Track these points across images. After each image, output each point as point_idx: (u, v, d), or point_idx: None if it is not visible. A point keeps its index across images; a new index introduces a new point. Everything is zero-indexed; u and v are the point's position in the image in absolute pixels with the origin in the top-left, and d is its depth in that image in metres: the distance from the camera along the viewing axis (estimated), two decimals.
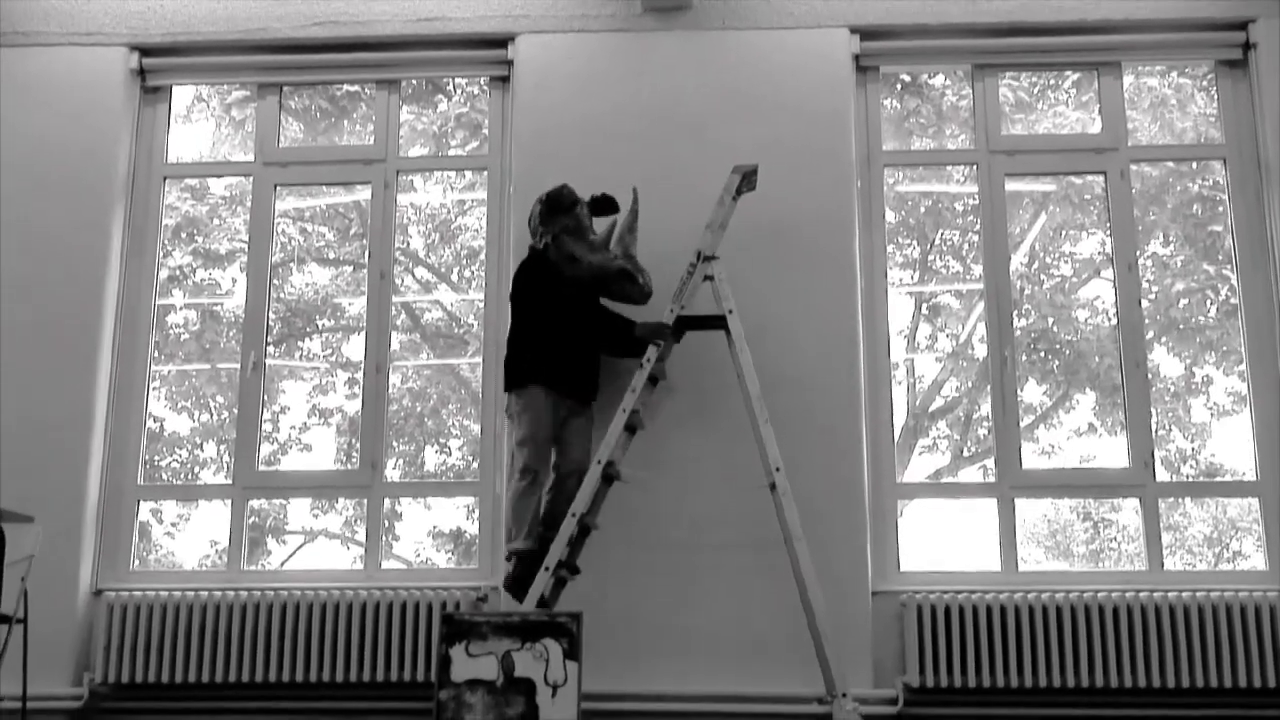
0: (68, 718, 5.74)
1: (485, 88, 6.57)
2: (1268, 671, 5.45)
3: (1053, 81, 6.57)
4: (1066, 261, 6.54)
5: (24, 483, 5.80)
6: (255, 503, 6.35)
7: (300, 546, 6.91)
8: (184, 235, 6.75)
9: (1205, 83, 6.42)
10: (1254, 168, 6.13)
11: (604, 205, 5.65)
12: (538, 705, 5.04)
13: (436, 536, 6.71)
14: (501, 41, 6.37)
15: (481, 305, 6.33)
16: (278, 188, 6.52)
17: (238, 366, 6.34)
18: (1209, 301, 6.35)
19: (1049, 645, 5.52)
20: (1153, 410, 6.03)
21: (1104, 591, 5.60)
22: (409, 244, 6.88)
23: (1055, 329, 6.39)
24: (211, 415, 6.76)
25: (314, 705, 5.71)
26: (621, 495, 5.50)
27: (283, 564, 6.68)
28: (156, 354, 6.43)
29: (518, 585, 5.31)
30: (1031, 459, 6.14)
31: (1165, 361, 6.34)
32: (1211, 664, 5.46)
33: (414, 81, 6.65)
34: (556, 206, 5.58)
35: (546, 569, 5.25)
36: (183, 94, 6.73)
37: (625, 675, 5.54)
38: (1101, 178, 6.27)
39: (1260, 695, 5.48)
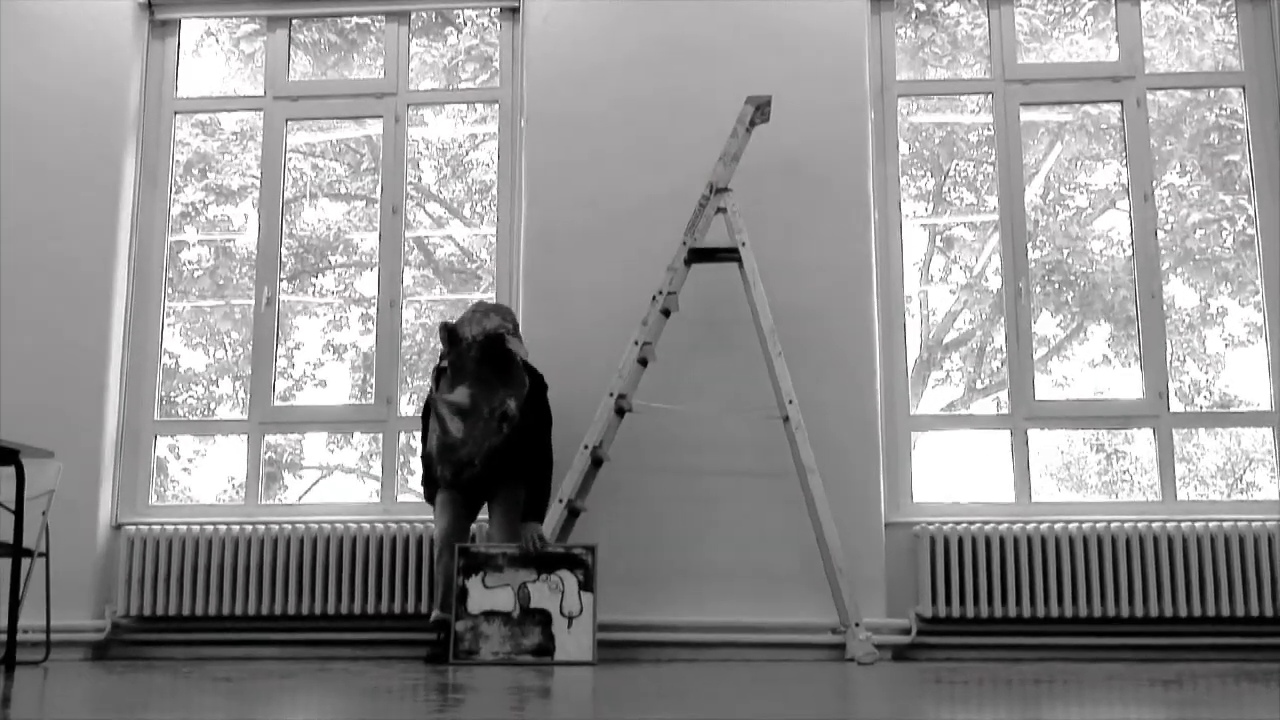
0: (90, 649, 5.83)
1: (495, 20, 6.51)
2: None
3: (1069, 9, 6.49)
4: (1082, 192, 6.50)
5: (42, 419, 5.85)
6: (271, 438, 6.38)
7: (317, 481, 6.97)
8: (196, 171, 6.74)
9: (1224, 9, 6.34)
10: (1273, 96, 6.06)
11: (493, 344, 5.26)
12: (554, 635, 5.10)
13: None
14: None
15: (494, 240, 6.32)
16: (289, 122, 6.49)
17: (252, 302, 6.36)
18: (1225, 232, 6.31)
19: (1062, 575, 5.56)
20: (1167, 341, 6.02)
21: (1117, 522, 5.62)
22: (420, 178, 6.86)
23: (1070, 260, 6.36)
24: (226, 351, 6.79)
25: (332, 636, 5.78)
26: (635, 426, 5.53)
27: (300, 498, 6.74)
28: (170, 290, 6.44)
29: (432, 658, 5.28)
30: (1045, 390, 6.14)
31: (1180, 292, 6.31)
32: (1224, 593, 5.49)
33: (424, 14, 6.60)
34: (448, 340, 5.27)
35: (560, 501, 5.29)
36: (192, 28, 6.68)
37: (640, 604, 5.60)
38: (1118, 107, 6.21)
39: (1272, 624, 5.51)
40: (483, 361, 5.21)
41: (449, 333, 5.23)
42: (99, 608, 5.89)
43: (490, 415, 5.21)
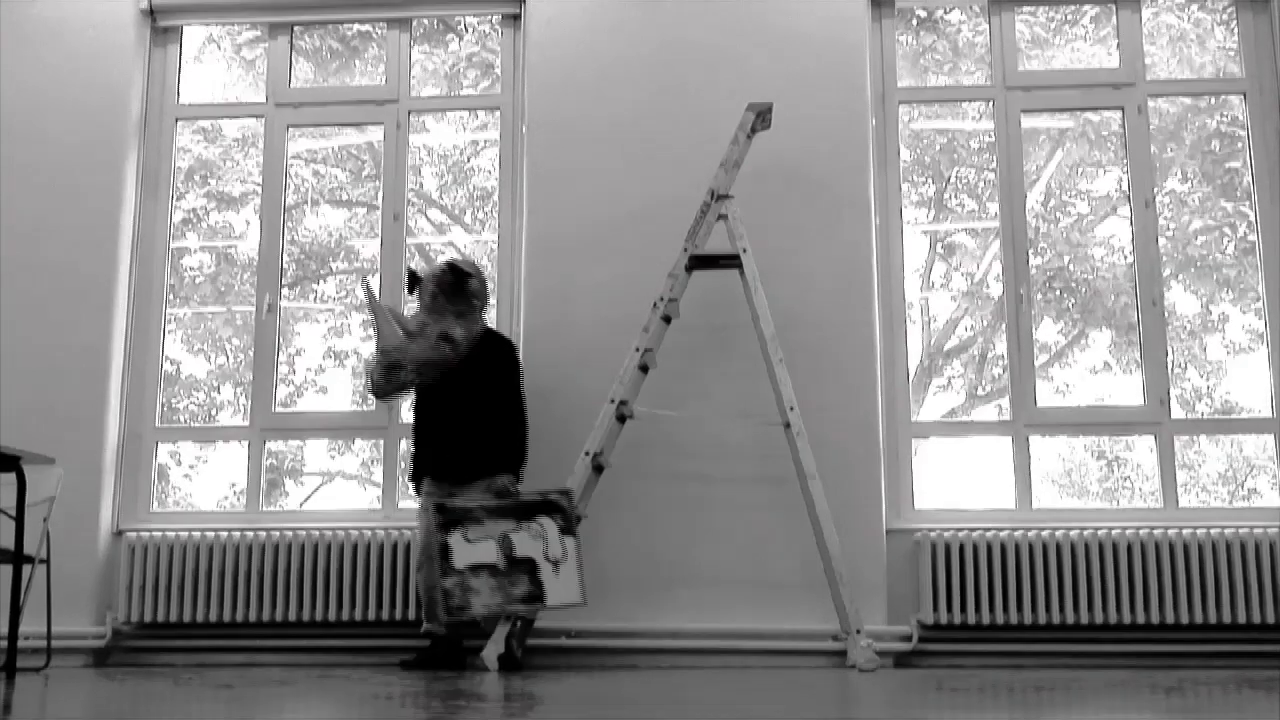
0: (92, 656, 5.83)
1: (497, 27, 6.52)
2: None
3: (1070, 16, 6.49)
4: (1083, 199, 6.50)
5: (44, 425, 5.85)
6: (273, 444, 6.39)
7: (318, 488, 6.96)
8: (197, 177, 6.75)
9: (1225, 16, 6.34)
10: (1274, 103, 6.06)
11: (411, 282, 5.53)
12: (542, 582, 5.10)
13: None
14: None
15: (495, 246, 6.32)
16: (290, 129, 6.50)
17: (253, 309, 6.36)
18: (1226, 238, 6.32)
19: (1063, 582, 5.55)
20: (1169, 348, 6.01)
21: (1118, 529, 5.62)
22: (422, 185, 6.87)
23: (1071, 267, 6.36)
24: (228, 358, 6.80)
25: (333, 643, 5.78)
26: (636, 433, 5.52)
27: (301, 505, 6.74)
28: (172, 297, 6.45)
29: (405, 663, 5.39)
30: (1046, 397, 6.14)
31: (1182, 299, 6.31)
32: (1225, 600, 5.48)
33: (425, 21, 6.61)
34: (411, 283, 5.51)
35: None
36: (194, 35, 6.69)
37: (640, 611, 5.59)
38: (1119, 113, 6.21)
39: (1274, 631, 5.50)
40: (438, 294, 5.39)
41: (411, 275, 5.48)
42: (100, 614, 5.89)
43: (432, 336, 5.36)
